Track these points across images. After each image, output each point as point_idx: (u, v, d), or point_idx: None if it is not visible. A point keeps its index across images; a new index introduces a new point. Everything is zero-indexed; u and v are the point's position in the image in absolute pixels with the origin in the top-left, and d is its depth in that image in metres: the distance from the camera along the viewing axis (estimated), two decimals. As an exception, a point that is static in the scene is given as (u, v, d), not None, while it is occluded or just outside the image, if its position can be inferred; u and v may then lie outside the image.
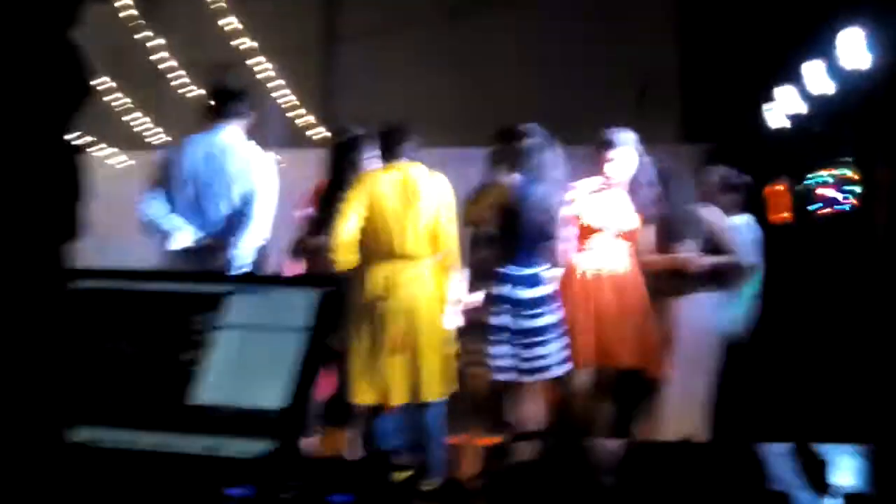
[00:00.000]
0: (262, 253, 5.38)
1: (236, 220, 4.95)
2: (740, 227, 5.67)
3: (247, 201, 4.98)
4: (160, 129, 9.81)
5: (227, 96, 5.27)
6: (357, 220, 4.67)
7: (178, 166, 4.99)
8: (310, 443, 4.66)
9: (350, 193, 4.69)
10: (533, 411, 4.83)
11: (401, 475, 1.30)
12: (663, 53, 8.90)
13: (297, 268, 5.34)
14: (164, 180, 5.04)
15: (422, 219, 4.62)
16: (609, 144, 4.98)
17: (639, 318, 4.90)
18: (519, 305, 4.71)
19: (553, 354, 4.75)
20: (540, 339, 4.71)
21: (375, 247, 4.64)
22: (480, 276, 4.94)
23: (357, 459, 1.26)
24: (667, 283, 5.17)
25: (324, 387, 4.87)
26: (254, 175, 5.00)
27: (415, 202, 4.64)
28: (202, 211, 4.98)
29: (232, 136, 5.03)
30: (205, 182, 5.01)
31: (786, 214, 7.24)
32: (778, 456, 1.37)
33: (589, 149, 5.77)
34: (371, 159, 5.03)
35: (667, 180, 5.23)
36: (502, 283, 4.74)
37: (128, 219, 9.51)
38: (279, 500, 1.23)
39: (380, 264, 4.61)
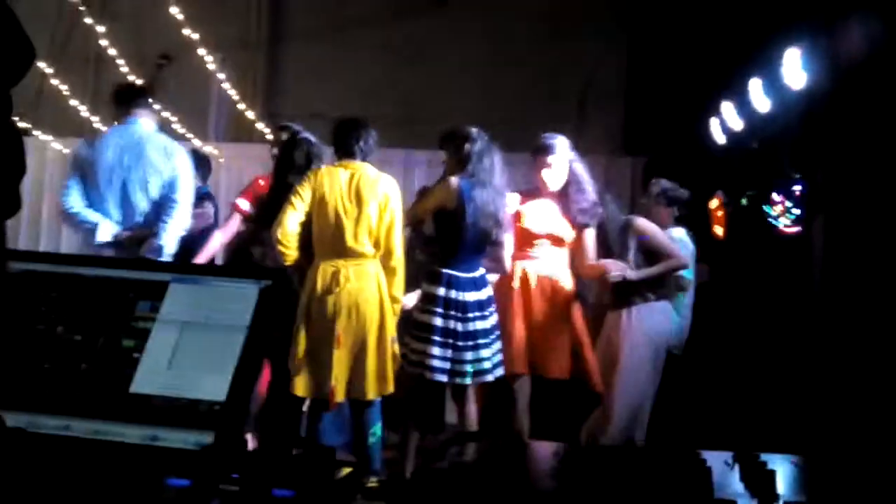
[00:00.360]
0: (193, 241, 5.38)
1: (159, 209, 4.95)
2: (677, 240, 5.75)
3: (169, 190, 4.99)
4: (97, 118, 9.64)
5: (136, 91, 5.37)
6: (304, 214, 4.66)
7: (96, 159, 4.98)
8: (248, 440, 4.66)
9: (299, 187, 4.67)
10: (470, 412, 4.84)
11: (343, 471, 1.28)
12: (608, 63, 8.98)
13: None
14: (82, 173, 5.04)
15: (368, 218, 4.63)
16: (546, 150, 5.01)
17: (572, 328, 4.93)
18: (462, 308, 4.71)
19: (493, 357, 4.77)
20: (482, 341, 4.72)
21: (322, 243, 4.65)
22: (418, 277, 4.95)
23: (298, 454, 1.24)
24: (610, 293, 5.22)
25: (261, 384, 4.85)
26: (173, 164, 5.02)
27: (363, 201, 4.64)
28: (124, 202, 4.97)
29: (147, 128, 5.08)
30: (125, 173, 5.01)
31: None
32: (722, 463, 1.37)
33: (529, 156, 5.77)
34: (316, 157, 5.03)
35: (601, 191, 5.28)
36: (442, 285, 4.74)
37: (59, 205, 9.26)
38: (220, 493, 1.20)
39: (326, 260, 4.62)
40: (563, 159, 5.02)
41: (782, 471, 1.34)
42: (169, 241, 4.92)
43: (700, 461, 1.33)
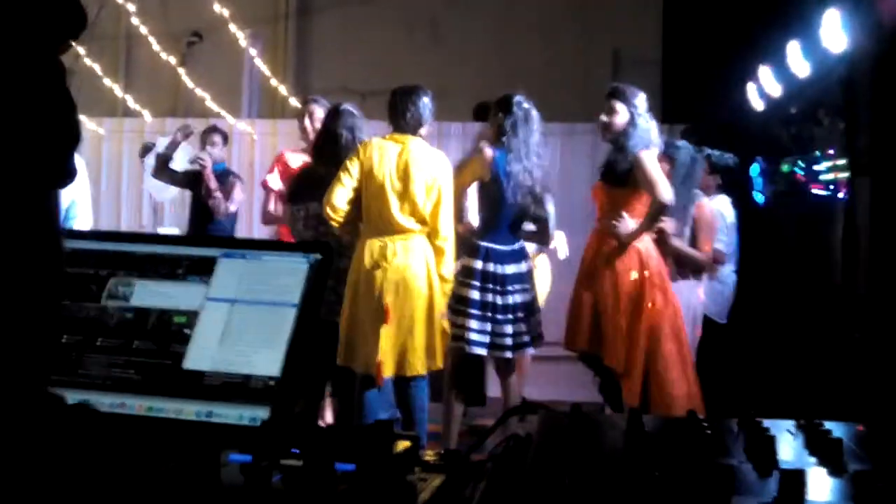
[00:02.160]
0: None
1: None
2: (720, 212, 5.69)
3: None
4: (130, 97, 9.67)
5: None
6: (352, 189, 4.63)
7: None
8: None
9: (348, 161, 4.65)
10: (513, 385, 4.84)
11: (401, 445, 1.26)
12: (642, 29, 8.85)
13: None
14: None
15: (415, 195, 4.59)
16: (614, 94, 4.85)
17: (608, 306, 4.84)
18: (501, 281, 4.70)
19: (534, 330, 4.76)
20: (523, 314, 4.71)
21: (370, 218, 4.63)
22: (458, 250, 4.94)
23: (358, 429, 1.23)
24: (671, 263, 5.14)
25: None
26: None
27: (410, 178, 4.60)
28: None
29: None
30: None
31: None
32: (784, 432, 1.35)
33: (565, 126, 5.72)
34: (358, 129, 4.99)
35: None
36: (480, 258, 4.72)
37: (99, 184, 9.37)
38: (282, 468, 1.19)
39: (374, 235, 4.60)
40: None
41: (848, 439, 1.31)
42: None
43: (762, 429, 1.30)
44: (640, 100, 4.78)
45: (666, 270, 4.79)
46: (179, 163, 7.07)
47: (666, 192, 4.56)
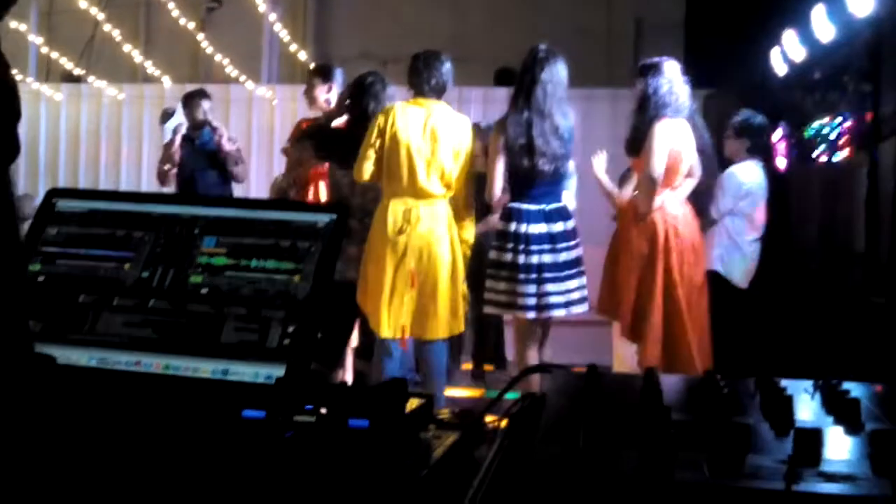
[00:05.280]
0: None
1: None
2: (727, 176, 5.66)
3: None
4: (150, 62, 9.68)
5: None
6: (378, 150, 4.63)
7: None
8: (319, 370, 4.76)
9: (372, 127, 4.65)
10: (529, 348, 4.84)
11: (415, 403, 1.26)
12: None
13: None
14: None
15: (441, 160, 4.59)
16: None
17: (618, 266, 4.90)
18: (525, 241, 4.68)
19: (567, 293, 4.74)
20: (549, 275, 4.69)
21: (392, 181, 4.63)
22: (482, 213, 4.94)
23: (372, 386, 1.24)
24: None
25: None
26: None
27: (437, 142, 4.60)
28: None
29: None
30: None
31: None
32: (802, 391, 1.34)
33: (584, 91, 5.66)
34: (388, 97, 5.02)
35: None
36: (503, 218, 4.72)
37: (119, 150, 9.40)
38: (296, 424, 1.19)
39: (398, 200, 4.60)
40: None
41: (866, 398, 1.30)
42: None
43: (779, 389, 1.29)
44: (667, 69, 4.76)
45: (694, 240, 4.79)
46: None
47: (654, 166, 4.59)
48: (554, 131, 4.68)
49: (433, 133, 4.61)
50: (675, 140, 4.67)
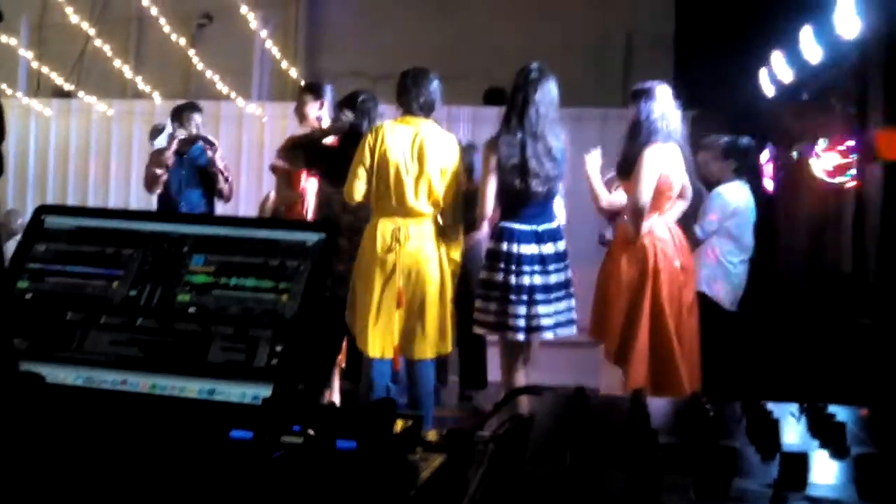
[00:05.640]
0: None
1: None
2: (713, 196, 5.69)
3: None
4: (140, 78, 9.67)
5: None
6: (367, 173, 4.64)
7: None
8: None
9: (361, 147, 4.66)
10: (517, 369, 4.84)
11: (403, 424, 1.26)
12: (655, 12, 8.81)
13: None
14: None
15: (430, 178, 4.60)
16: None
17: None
18: (516, 261, 4.69)
19: (555, 314, 4.75)
20: (540, 297, 4.70)
21: (382, 200, 4.63)
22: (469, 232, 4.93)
23: (359, 407, 1.24)
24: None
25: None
26: None
27: (425, 161, 4.60)
28: None
29: None
30: None
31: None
32: (788, 415, 1.34)
33: (574, 110, 5.68)
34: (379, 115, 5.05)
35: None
36: (494, 238, 4.73)
37: (108, 165, 9.39)
38: (283, 445, 1.19)
39: (386, 219, 4.61)
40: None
41: (851, 422, 1.31)
42: None
43: (766, 412, 1.29)
44: (659, 93, 4.80)
45: (684, 261, 4.81)
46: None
47: (641, 193, 4.63)
48: (547, 153, 4.69)
49: (421, 151, 4.62)
50: (665, 165, 4.71)
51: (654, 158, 4.68)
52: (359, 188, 4.63)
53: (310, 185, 5.56)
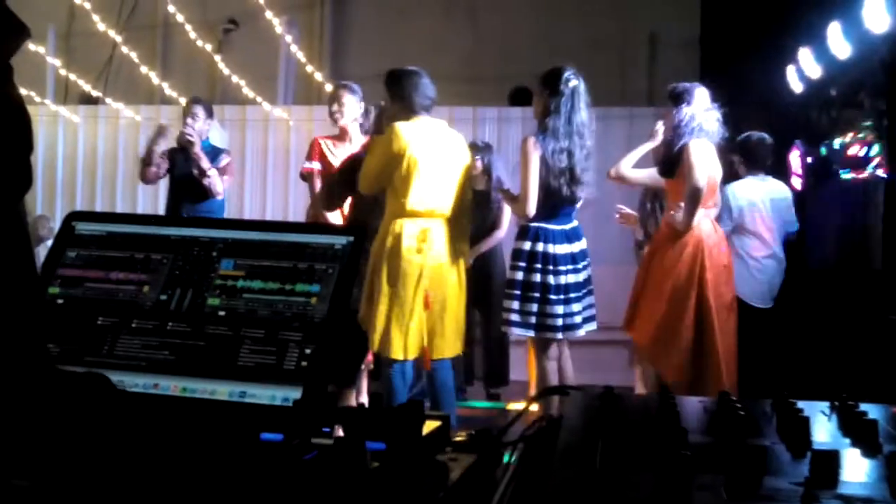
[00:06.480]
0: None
1: None
2: (725, 191, 5.67)
3: None
4: (167, 84, 9.74)
5: None
6: (387, 170, 4.62)
7: None
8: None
9: (377, 147, 4.66)
10: (551, 367, 4.84)
11: (431, 425, 1.27)
12: (680, 10, 8.77)
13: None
14: None
15: (451, 177, 4.61)
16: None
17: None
18: (553, 261, 4.71)
19: (584, 311, 4.77)
20: (574, 295, 4.73)
21: (401, 199, 4.61)
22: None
23: (388, 408, 1.25)
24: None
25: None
26: None
27: (441, 159, 4.61)
28: None
29: None
30: None
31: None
32: (819, 413, 1.33)
33: (599, 110, 5.67)
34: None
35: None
36: (528, 239, 4.74)
37: (136, 171, 9.47)
38: (314, 447, 1.20)
39: (409, 219, 4.58)
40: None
41: (883, 420, 1.30)
42: None
43: (796, 410, 1.28)
44: (698, 95, 4.88)
45: (726, 259, 4.87)
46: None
47: (697, 179, 4.68)
48: (587, 158, 4.76)
49: (439, 150, 4.63)
50: (710, 161, 4.79)
51: (702, 150, 4.75)
52: (377, 176, 4.63)
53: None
